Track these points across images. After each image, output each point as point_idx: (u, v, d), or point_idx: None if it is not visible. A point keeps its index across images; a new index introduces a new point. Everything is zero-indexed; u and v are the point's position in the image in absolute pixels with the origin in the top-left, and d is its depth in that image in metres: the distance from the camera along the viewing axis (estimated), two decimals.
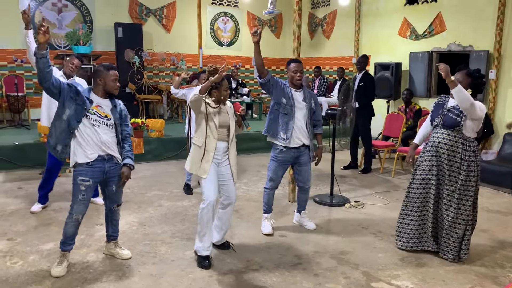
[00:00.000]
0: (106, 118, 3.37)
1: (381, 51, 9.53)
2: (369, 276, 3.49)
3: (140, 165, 6.97)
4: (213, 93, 3.59)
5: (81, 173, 3.31)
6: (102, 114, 3.36)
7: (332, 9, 11.09)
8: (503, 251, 4.04)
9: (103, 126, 3.35)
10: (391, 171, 6.94)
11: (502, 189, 5.97)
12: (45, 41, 3.05)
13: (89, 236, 4.12)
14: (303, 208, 4.55)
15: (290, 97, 4.12)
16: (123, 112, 3.52)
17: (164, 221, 4.61)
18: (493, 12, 7.29)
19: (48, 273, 3.38)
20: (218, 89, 3.57)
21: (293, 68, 4.14)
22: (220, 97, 3.60)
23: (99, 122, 3.33)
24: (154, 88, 10.21)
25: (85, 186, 3.32)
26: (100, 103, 3.37)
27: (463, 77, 3.61)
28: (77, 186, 3.32)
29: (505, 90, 7.32)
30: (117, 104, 3.48)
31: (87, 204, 3.40)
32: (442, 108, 3.74)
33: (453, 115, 3.61)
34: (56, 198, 5.09)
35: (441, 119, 3.69)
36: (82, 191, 3.32)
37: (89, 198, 3.41)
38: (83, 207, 3.35)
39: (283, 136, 4.14)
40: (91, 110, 3.30)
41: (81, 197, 3.32)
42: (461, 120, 3.56)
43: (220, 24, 11.73)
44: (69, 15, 9.58)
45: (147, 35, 10.35)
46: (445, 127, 3.66)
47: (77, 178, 3.32)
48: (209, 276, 3.42)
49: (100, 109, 3.35)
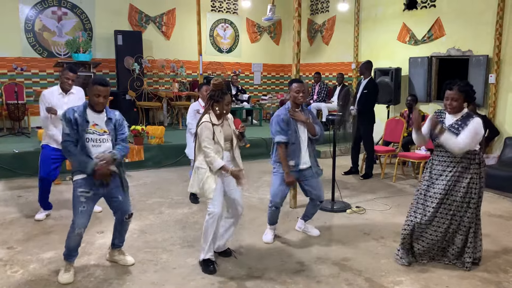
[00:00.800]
0: (106, 133, 3.37)
1: (381, 57, 9.54)
2: (372, 283, 3.47)
3: (141, 172, 6.96)
4: (215, 106, 3.55)
5: (81, 185, 3.30)
6: (100, 131, 3.35)
7: (331, 15, 11.12)
8: (506, 256, 4.01)
9: (104, 143, 3.36)
10: (392, 176, 6.93)
11: (504, 194, 5.95)
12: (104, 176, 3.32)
13: (89, 244, 4.10)
14: (309, 218, 4.53)
15: (292, 124, 4.11)
16: (118, 122, 3.48)
17: (165, 228, 4.59)
18: (492, 16, 7.30)
19: (49, 282, 3.36)
20: (220, 103, 3.53)
21: (296, 89, 4.13)
22: (222, 111, 3.56)
23: (100, 141, 3.33)
24: (154, 95, 10.22)
25: (86, 197, 3.31)
26: (96, 120, 3.36)
27: (458, 95, 3.54)
28: (77, 198, 3.30)
29: (505, 95, 7.32)
30: (112, 116, 3.44)
31: (89, 216, 3.37)
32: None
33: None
34: (56, 206, 5.07)
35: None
36: (82, 202, 3.30)
37: (90, 209, 3.37)
38: (84, 219, 3.33)
39: (292, 164, 4.12)
40: (89, 130, 3.30)
41: (81, 209, 3.30)
42: None
43: (219, 31, 11.76)
44: (69, 23, 9.61)
45: (147, 42, 10.38)
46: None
47: (76, 190, 3.31)
48: (211, 284, 3.39)
49: (97, 127, 3.35)
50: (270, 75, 12.81)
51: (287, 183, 4.14)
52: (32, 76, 9.33)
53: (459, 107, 3.60)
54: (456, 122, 3.60)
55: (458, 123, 3.58)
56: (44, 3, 9.27)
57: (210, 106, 3.57)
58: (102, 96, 3.31)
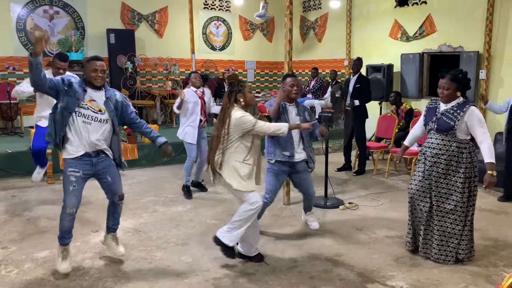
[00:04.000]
0: (100, 113, 3.37)
1: (373, 53, 9.59)
2: (364, 278, 3.52)
3: (134, 171, 6.96)
4: (239, 98, 3.47)
5: (71, 165, 3.35)
6: (96, 109, 3.36)
7: (324, 12, 11.15)
8: (496, 250, 4.08)
9: (95, 122, 3.35)
10: (385, 172, 6.99)
11: (494, 188, 6.00)
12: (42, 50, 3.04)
13: (84, 243, 4.12)
14: (308, 210, 4.62)
15: (285, 114, 4.14)
16: (120, 104, 3.48)
17: (159, 226, 4.62)
18: (482, 13, 7.37)
19: (43, 281, 3.38)
20: (242, 92, 3.47)
21: (290, 83, 4.18)
22: (246, 100, 3.50)
23: (91, 118, 3.33)
24: (147, 93, 10.22)
25: (75, 177, 3.34)
26: (94, 96, 3.37)
27: (449, 84, 3.60)
28: (67, 178, 3.35)
29: (495, 90, 7.39)
30: (111, 96, 3.44)
31: (79, 196, 3.40)
32: (435, 112, 3.74)
33: (447, 119, 3.62)
34: (50, 205, 5.08)
35: (435, 123, 3.69)
36: (72, 181, 3.34)
37: (81, 190, 3.41)
38: (75, 199, 3.36)
39: (287, 154, 4.14)
40: (84, 104, 3.31)
41: (72, 188, 3.34)
42: (455, 124, 3.57)
43: (212, 29, 11.76)
44: (61, 22, 9.57)
45: (140, 41, 10.36)
46: (440, 131, 3.65)
47: (67, 170, 3.36)
48: (205, 281, 3.43)
49: (93, 103, 3.36)
50: (263, 73, 12.83)
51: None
52: (25, 75, 9.25)
53: (451, 96, 3.64)
54: (452, 108, 3.63)
55: (454, 109, 3.62)
56: (36, 2, 9.22)
57: (234, 101, 3.46)
58: (99, 70, 3.32)
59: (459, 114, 3.57)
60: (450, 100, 3.66)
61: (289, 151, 4.15)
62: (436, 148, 3.67)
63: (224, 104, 3.51)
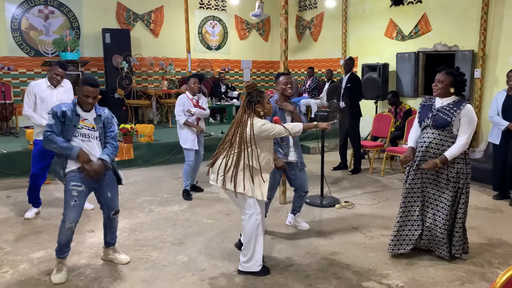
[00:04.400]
0: (94, 130, 3.39)
1: (368, 53, 9.61)
2: (360, 276, 3.53)
3: (130, 171, 6.95)
4: (257, 109, 3.41)
5: (73, 179, 3.32)
6: (90, 126, 3.37)
7: (319, 11, 11.16)
8: (491, 248, 4.10)
9: (93, 140, 3.38)
10: (381, 171, 7.01)
11: (490, 187, 6.05)
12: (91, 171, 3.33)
13: (80, 243, 4.11)
14: (298, 212, 4.58)
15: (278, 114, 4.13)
16: (107, 120, 3.49)
17: (156, 226, 4.61)
18: (477, 12, 7.40)
19: (39, 282, 3.37)
20: (261, 102, 3.41)
21: (283, 81, 4.19)
22: (264, 110, 3.45)
23: (89, 136, 3.35)
24: (143, 93, 10.20)
25: (78, 191, 3.32)
26: (85, 115, 3.38)
27: (444, 77, 3.63)
28: (69, 192, 3.31)
29: (490, 89, 7.42)
30: (102, 113, 3.46)
31: (80, 211, 3.38)
32: (430, 108, 3.74)
33: (443, 115, 3.63)
34: (46, 205, 5.07)
35: (431, 119, 3.69)
36: (74, 196, 3.31)
37: (82, 204, 3.39)
38: (75, 214, 3.34)
39: (282, 152, 4.16)
40: (79, 125, 3.32)
41: (73, 203, 3.31)
42: (451, 120, 3.58)
43: (208, 28, 11.74)
44: (56, 22, 9.53)
45: (135, 40, 10.34)
46: (436, 127, 3.65)
47: (69, 184, 3.31)
48: (201, 281, 3.43)
49: (86, 122, 3.37)
50: (259, 72, 12.83)
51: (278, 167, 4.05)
52: (20, 75, 9.25)
53: (445, 90, 3.65)
54: (448, 105, 3.64)
55: (450, 106, 3.63)
56: (31, 2, 9.18)
57: (252, 111, 3.39)
58: (91, 97, 3.32)
59: (455, 111, 3.59)
60: (444, 94, 3.67)
61: (285, 150, 4.17)
62: (432, 143, 3.67)
63: (241, 113, 3.43)
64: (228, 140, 3.43)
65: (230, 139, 3.40)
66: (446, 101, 3.67)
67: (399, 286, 3.37)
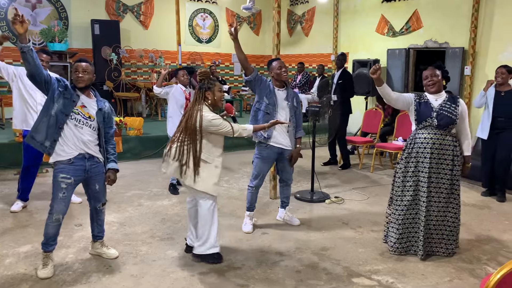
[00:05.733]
0: (90, 119, 3.32)
1: (359, 48, 9.62)
2: (350, 272, 3.53)
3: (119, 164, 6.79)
4: (207, 96, 3.44)
5: (62, 171, 3.25)
6: (86, 115, 3.31)
7: (311, 6, 11.13)
8: (479, 244, 4.13)
9: (86, 127, 3.31)
10: (370, 167, 7.03)
11: (477, 183, 6.10)
12: (25, 31, 2.96)
13: (67, 237, 4.05)
14: (287, 203, 4.59)
15: (273, 96, 4.12)
16: (107, 115, 3.45)
17: (145, 220, 4.57)
18: (468, 9, 7.43)
19: (25, 277, 3.31)
20: (211, 89, 3.44)
21: (277, 65, 4.17)
22: (214, 98, 3.46)
23: (83, 123, 3.28)
24: (132, 85, 10.09)
25: (66, 183, 3.26)
26: (85, 102, 3.32)
27: (435, 71, 3.65)
28: (57, 184, 3.25)
29: (479, 86, 7.45)
30: (103, 107, 3.41)
31: (68, 203, 3.34)
32: (430, 107, 3.65)
33: (447, 113, 3.60)
34: (32, 199, 4.98)
35: (435, 119, 3.61)
36: (63, 189, 3.25)
37: (70, 196, 3.34)
38: (63, 206, 3.28)
39: (263, 135, 4.14)
40: (75, 109, 3.25)
41: (61, 195, 3.25)
42: (456, 118, 3.59)
43: (199, 21, 11.65)
44: (43, 12, 9.37)
45: (125, 32, 10.21)
46: (440, 126, 3.60)
47: (57, 176, 3.25)
48: (191, 276, 3.40)
49: (84, 109, 3.30)
50: None
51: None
52: None
53: (440, 83, 3.65)
54: (446, 103, 3.63)
55: (448, 104, 3.62)
56: None
57: (202, 98, 3.44)
58: (80, 71, 3.26)
59: (455, 108, 3.61)
60: (439, 88, 3.67)
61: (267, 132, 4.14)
62: (436, 143, 3.62)
63: (194, 99, 3.49)
64: (179, 130, 3.46)
65: (180, 129, 3.44)
66: (441, 98, 3.67)
67: (389, 282, 3.38)
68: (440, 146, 3.64)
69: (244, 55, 4.07)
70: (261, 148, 4.22)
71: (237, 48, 4.02)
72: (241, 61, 4.08)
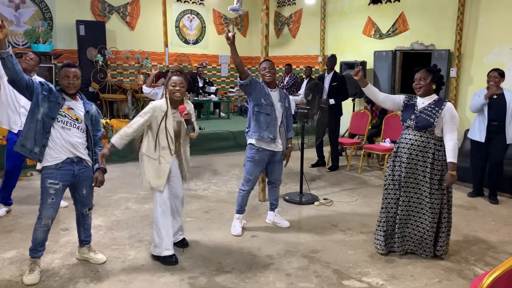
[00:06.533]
0: (77, 121, 3.27)
1: (346, 50, 9.67)
2: (340, 274, 3.53)
3: None
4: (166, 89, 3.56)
5: (50, 176, 3.19)
6: (73, 117, 3.25)
7: (298, 8, 11.16)
8: (467, 245, 4.17)
9: (74, 129, 3.25)
10: (358, 168, 7.06)
11: (464, 184, 6.16)
12: (4, 37, 2.89)
13: (53, 242, 3.97)
14: (276, 205, 4.58)
15: (269, 97, 4.14)
16: (94, 117, 3.40)
17: (132, 224, 4.51)
18: (453, 12, 7.52)
19: (11, 283, 3.23)
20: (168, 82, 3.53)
21: (262, 66, 4.23)
22: (167, 94, 3.53)
23: (70, 124, 3.23)
24: (118, 87, 9.98)
25: (55, 189, 3.20)
26: (71, 105, 3.26)
27: (425, 74, 3.66)
28: (46, 190, 3.19)
29: (465, 88, 7.57)
30: (90, 109, 3.36)
31: (57, 208, 3.28)
32: (413, 109, 3.74)
33: (426, 116, 3.64)
34: (17, 203, 4.88)
35: (413, 121, 3.69)
36: (51, 194, 3.19)
37: (59, 202, 3.28)
38: (52, 211, 3.23)
39: (270, 136, 4.13)
40: (61, 112, 3.19)
41: (50, 201, 3.20)
42: (434, 121, 3.60)
43: (185, 22, 11.59)
44: (27, 12, 9.22)
45: (111, 33, 10.11)
46: (418, 128, 3.67)
47: (45, 181, 3.19)
48: (180, 280, 3.36)
49: (71, 112, 3.24)
50: None
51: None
52: None
53: (428, 87, 3.67)
54: (430, 105, 3.65)
55: (432, 107, 3.64)
56: None
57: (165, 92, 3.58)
58: (70, 77, 3.21)
59: (437, 111, 3.61)
60: (427, 92, 3.68)
61: (273, 133, 4.16)
62: (414, 144, 3.68)
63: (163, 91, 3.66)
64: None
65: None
66: (428, 101, 3.69)
67: (379, 284, 3.38)
68: (419, 148, 3.67)
69: (240, 59, 4.08)
70: (254, 151, 4.20)
71: (233, 52, 4.02)
72: (237, 65, 4.09)
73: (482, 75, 7.27)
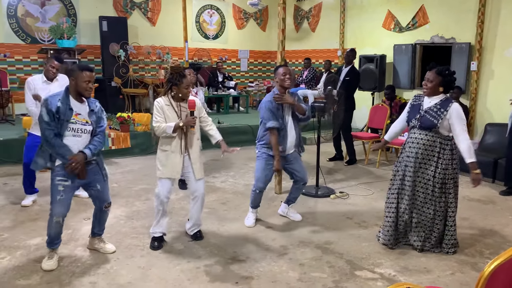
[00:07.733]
0: (87, 124, 3.35)
1: (366, 44, 9.62)
2: (353, 265, 3.58)
3: (127, 159, 6.97)
4: (173, 89, 3.64)
5: (59, 174, 3.30)
6: (83, 121, 3.33)
7: (318, 2, 11.13)
8: (482, 239, 4.17)
9: (84, 134, 3.33)
10: (376, 162, 7.06)
11: (483, 179, 6.08)
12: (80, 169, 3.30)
13: (76, 230, 4.15)
14: (293, 202, 4.61)
15: (281, 110, 4.20)
16: (98, 114, 3.45)
17: (152, 214, 4.59)
18: (474, 4, 7.41)
19: (36, 268, 3.40)
20: (178, 86, 3.61)
21: (282, 72, 4.21)
22: (179, 94, 3.64)
23: (81, 131, 3.30)
24: (140, 81, 10.16)
25: (64, 186, 3.30)
26: (79, 109, 3.31)
27: (433, 77, 3.65)
28: (55, 187, 3.30)
29: (486, 82, 7.46)
30: (94, 108, 3.41)
31: (67, 205, 3.37)
32: (418, 109, 3.76)
33: (430, 117, 3.65)
34: (42, 193, 5.08)
35: (418, 121, 3.71)
36: (60, 191, 3.29)
37: (69, 199, 3.37)
38: (62, 208, 3.33)
39: (280, 149, 4.20)
40: (72, 120, 3.26)
41: (59, 197, 3.30)
42: (438, 122, 3.61)
43: (205, 17, 11.69)
44: (52, 9, 9.47)
45: (132, 28, 10.29)
46: (423, 128, 3.69)
47: (55, 179, 3.31)
48: (196, 268, 3.47)
49: (80, 117, 3.31)
50: (256, 62, 12.81)
51: (275, 170, 4.25)
52: (16, 62, 9.21)
53: (434, 89, 3.67)
54: (435, 106, 3.66)
55: (438, 107, 3.65)
56: None
57: (168, 89, 3.66)
58: (92, 81, 3.30)
59: (442, 112, 3.61)
60: (433, 93, 3.69)
61: (283, 146, 4.21)
62: (420, 143, 3.70)
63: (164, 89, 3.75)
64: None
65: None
66: (434, 101, 3.70)
67: (391, 275, 3.43)
68: (424, 147, 3.69)
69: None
70: (266, 156, 4.26)
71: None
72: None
73: (503, 69, 7.19)
